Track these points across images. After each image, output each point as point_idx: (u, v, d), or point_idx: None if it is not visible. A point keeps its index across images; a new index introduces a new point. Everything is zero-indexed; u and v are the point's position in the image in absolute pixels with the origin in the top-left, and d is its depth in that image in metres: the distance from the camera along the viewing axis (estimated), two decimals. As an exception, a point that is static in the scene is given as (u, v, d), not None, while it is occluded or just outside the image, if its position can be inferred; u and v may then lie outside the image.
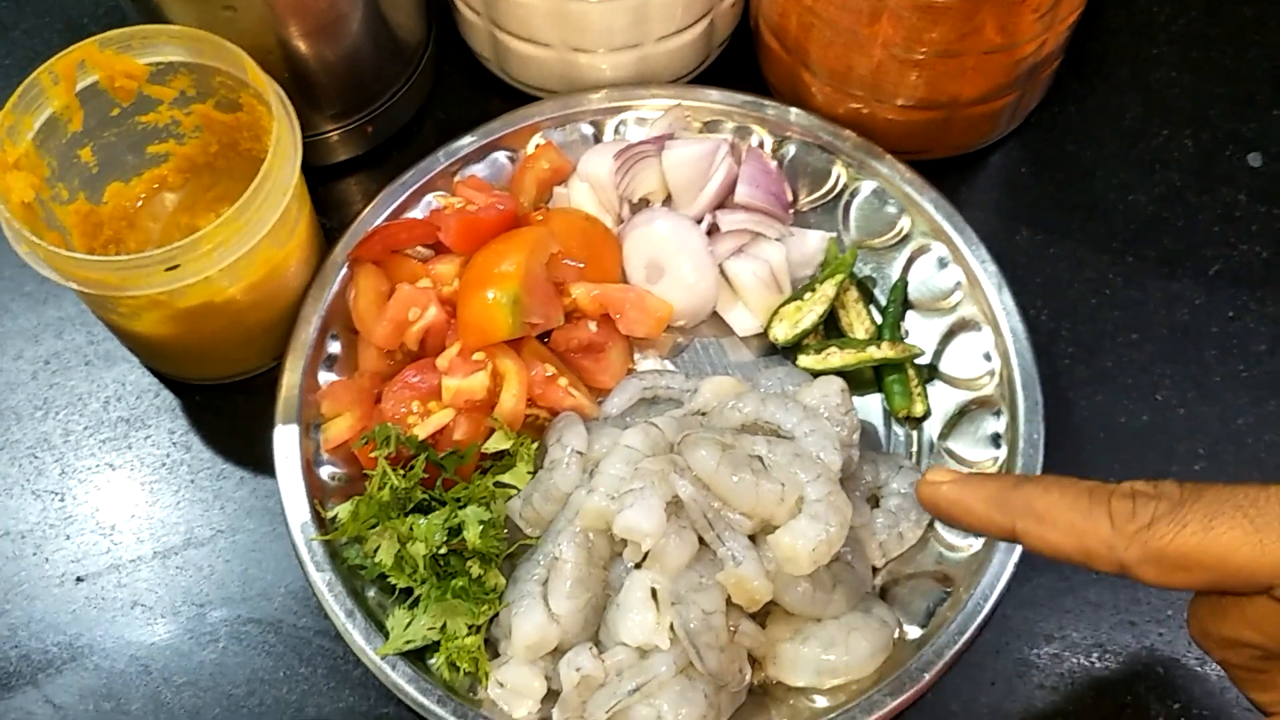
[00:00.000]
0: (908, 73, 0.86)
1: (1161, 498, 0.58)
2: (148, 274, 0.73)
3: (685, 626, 0.70)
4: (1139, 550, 0.58)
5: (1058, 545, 0.60)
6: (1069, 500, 0.60)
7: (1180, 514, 0.57)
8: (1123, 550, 0.58)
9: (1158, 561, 0.57)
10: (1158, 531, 0.57)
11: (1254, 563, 0.56)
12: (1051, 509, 0.61)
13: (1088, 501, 0.60)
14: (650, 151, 0.88)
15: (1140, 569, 0.58)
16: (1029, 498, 0.62)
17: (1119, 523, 0.58)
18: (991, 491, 0.63)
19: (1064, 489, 0.61)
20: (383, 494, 0.76)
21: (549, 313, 0.83)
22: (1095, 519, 0.59)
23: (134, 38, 0.80)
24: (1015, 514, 0.62)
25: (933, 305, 0.86)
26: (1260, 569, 0.56)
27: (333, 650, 0.80)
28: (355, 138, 0.95)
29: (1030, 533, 0.61)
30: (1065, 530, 0.60)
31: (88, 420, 0.88)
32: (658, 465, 0.73)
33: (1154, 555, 0.57)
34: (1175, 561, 0.57)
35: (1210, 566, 0.56)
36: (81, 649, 0.81)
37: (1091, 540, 0.59)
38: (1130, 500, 0.59)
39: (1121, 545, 0.58)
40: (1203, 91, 0.98)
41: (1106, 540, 0.58)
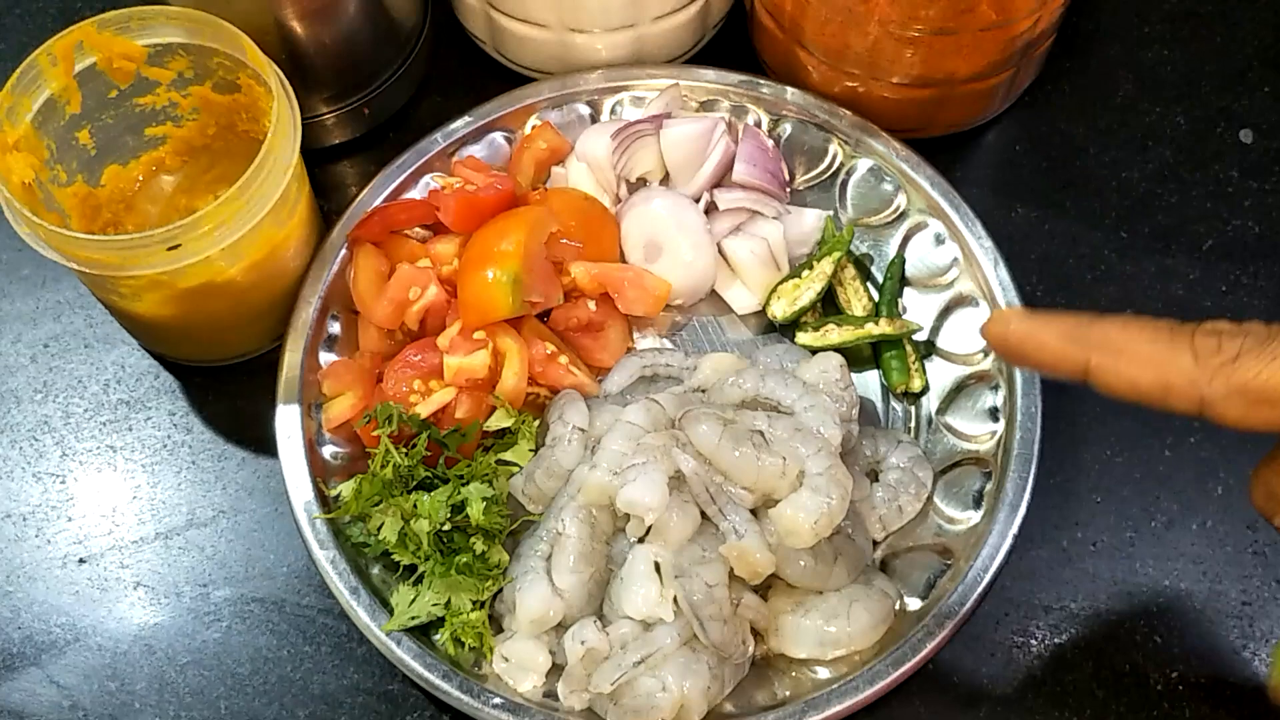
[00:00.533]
0: (903, 50, 0.86)
1: (1248, 334, 0.56)
2: (149, 254, 0.74)
3: (688, 599, 0.71)
4: (1224, 384, 0.55)
5: (1135, 379, 0.58)
6: (1149, 334, 0.58)
7: (1270, 348, 0.55)
8: (1206, 384, 0.56)
9: (1243, 395, 0.55)
10: (1245, 364, 0.55)
11: None
12: (1130, 342, 0.58)
13: (1169, 335, 0.57)
14: (648, 130, 0.89)
15: (1224, 405, 0.56)
16: (1106, 331, 0.59)
17: (1204, 356, 0.56)
18: (1066, 326, 0.61)
19: (1143, 325, 0.59)
20: (385, 472, 0.77)
21: (548, 291, 0.83)
22: (1178, 351, 0.56)
23: (132, 19, 0.80)
24: (1092, 346, 0.59)
25: (930, 281, 0.87)
26: None
27: (337, 628, 0.80)
28: (352, 120, 0.95)
29: (1106, 367, 0.58)
30: (1144, 363, 0.57)
31: (88, 403, 0.88)
32: (659, 440, 0.74)
33: (1239, 388, 0.55)
34: (1261, 395, 0.55)
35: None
36: (85, 630, 0.81)
37: (1173, 373, 0.56)
38: (1215, 335, 0.56)
39: (1205, 379, 0.56)
40: (1194, 68, 0.99)
41: (1189, 374, 0.56)
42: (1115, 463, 0.84)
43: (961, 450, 0.81)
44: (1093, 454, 0.84)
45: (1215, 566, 0.81)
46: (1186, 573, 0.81)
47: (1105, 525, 0.82)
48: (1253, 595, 0.80)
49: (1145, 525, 0.82)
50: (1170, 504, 0.83)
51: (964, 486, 0.79)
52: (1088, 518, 0.82)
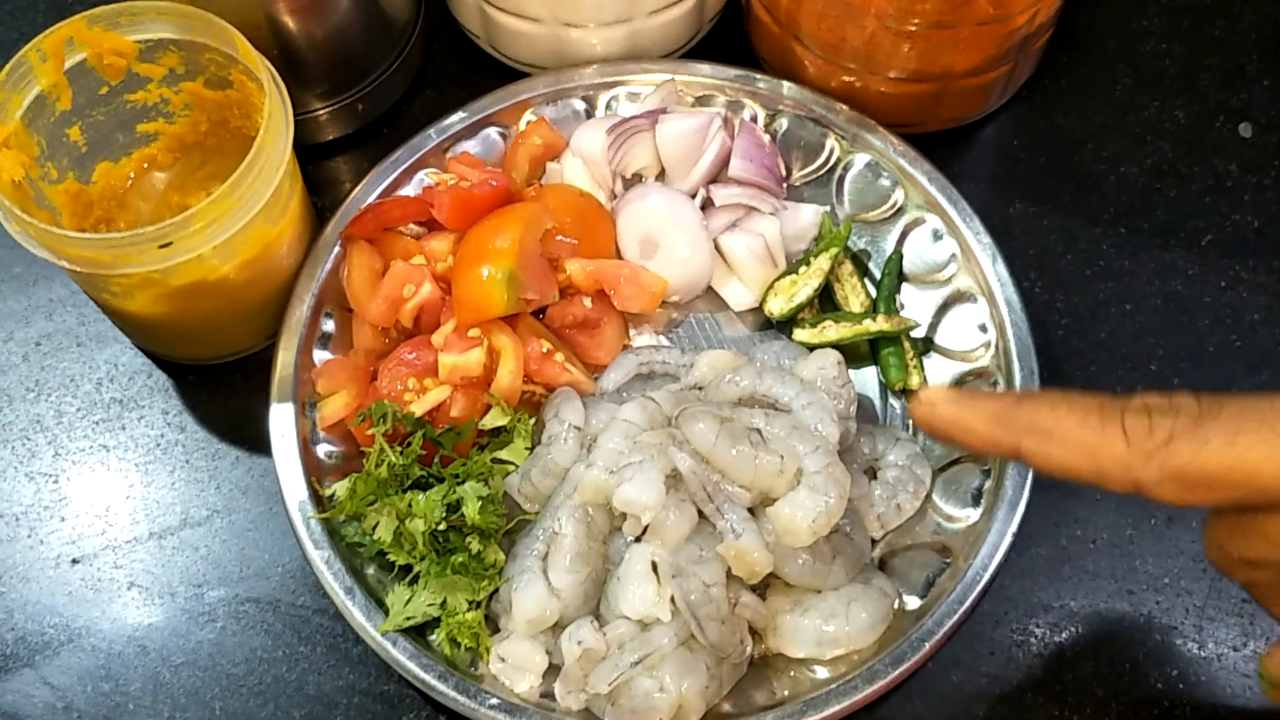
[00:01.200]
0: (900, 44, 0.85)
1: (1180, 413, 0.55)
2: (140, 252, 0.73)
3: (686, 599, 0.70)
4: (1157, 469, 0.54)
5: (1067, 464, 0.57)
6: (1078, 416, 0.57)
7: (1201, 430, 0.54)
8: (1140, 469, 0.55)
9: (1178, 480, 0.54)
10: (1177, 449, 0.54)
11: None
12: (1059, 425, 0.57)
13: (1098, 418, 0.56)
14: (643, 126, 0.88)
15: (1159, 489, 0.55)
16: (1034, 414, 0.58)
17: (1135, 440, 0.55)
18: (994, 409, 0.59)
19: (1071, 404, 0.57)
20: (380, 471, 0.76)
21: (544, 288, 0.83)
22: (1108, 436, 0.55)
23: (122, 14, 0.80)
24: (1020, 431, 0.58)
25: (927, 278, 0.86)
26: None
27: (332, 628, 0.80)
28: (345, 116, 0.94)
29: (1036, 451, 0.58)
30: (1075, 448, 0.56)
31: (80, 402, 0.88)
32: (656, 439, 0.73)
33: (1174, 474, 0.54)
34: (1197, 480, 0.54)
35: (1236, 484, 0.54)
36: (78, 630, 0.80)
37: (1104, 459, 0.56)
38: (1145, 416, 0.55)
39: (1138, 464, 0.55)
40: (1193, 62, 0.99)
41: (1121, 459, 0.55)
42: (1114, 459, 0.83)
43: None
44: (1092, 451, 0.83)
45: (1215, 564, 0.80)
46: (1186, 570, 0.80)
47: (1105, 523, 0.81)
48: (1253, 592, 0.79)
49: (1145, 523, 0.81)
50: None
51: (963, 484, 0.79)
52: (1087, 515, 0.82)
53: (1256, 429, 0.53)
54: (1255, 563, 0.59)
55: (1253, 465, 0.53)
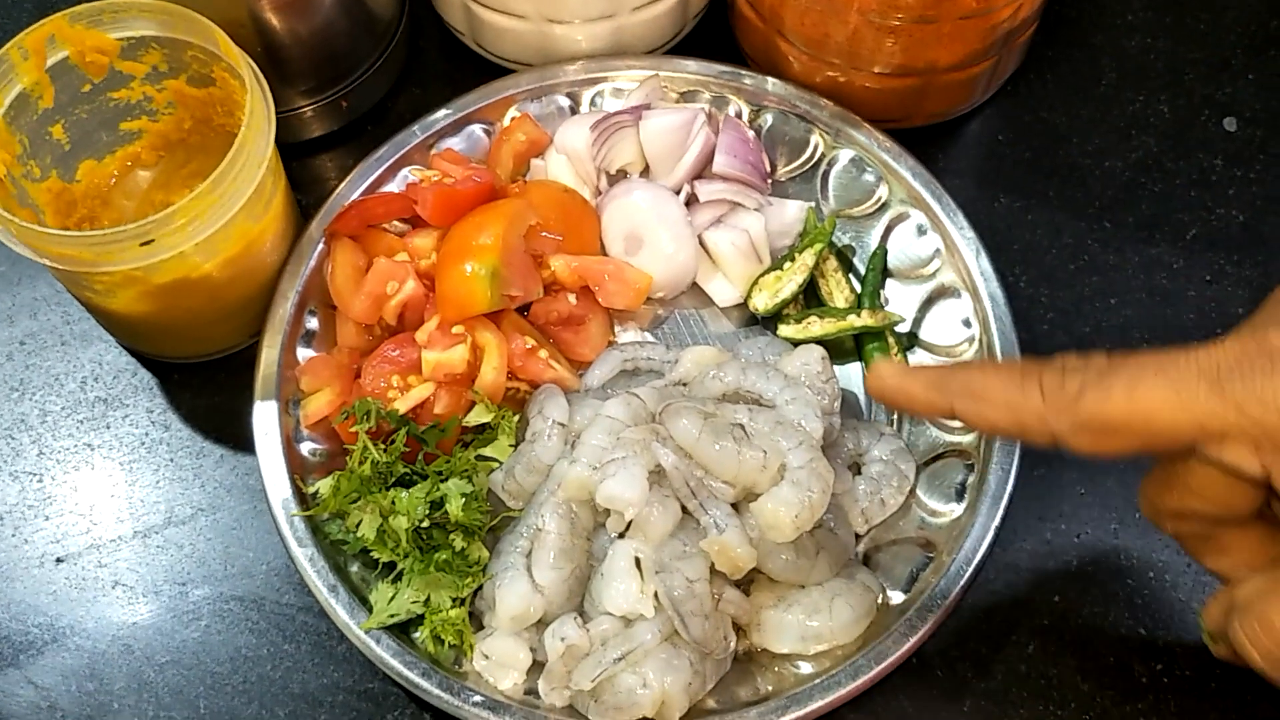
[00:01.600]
0: (884, 39, 0.85)
1: (1089, 368, 0.59)
2: (122, 249, 0.73)
3: (669, 595, 0.70)
4: (1069, 420, 0.59)
5: (994, 420, 0.62)
6: (1002, 378, 0.62)
7: (1106, 382, 0.58)
8: (1054, 421, 0.60)
9: (1086, 429, 0.59)
10: (1085, 400, 0.59)
11: (1175, 422, 0.57)
12: (987, 387, 0.62)
13: (1019, 378, 0.61)
14: (627, 122, 0.88)
15: (1072, 438, 0.60)
16: (966, 379, 0.64)
17: (1049, 394, 0.60)
18: (932, 377, 0.66)
19: (999, 369, 0.65)
20: (364, 468, 0.76)
21: (528, 285, 0.83)
22: (1028, 393, 0.60)
23: (104, 12, 0.79)
24: (953, 394, 0.64)
25: (912, 273, 0.86)
26: (1181, 427, 0.57)
27: (316, 626, 0.80)
28: (329, 113, 0.94)
29: (968, 410, 0.63)
30: (999, 406, 0.62)
31: (65, 400, 0.87)
32: (639, 435, 0.73)
33: (1084, 424, 0.59)
34: (1103, 427, 0.58)
35: (1137, 430, 0.58)
36: (63, 630, 0.80)
37: (1025, 414, 0.61)
38: (1059, 373, 0.60)
39: (1053, 416, 0.60)
40: (1178, 57, 0.99)
41: (1038, 412, 0.60)
42: (1099, 454, 0.83)
43: (944, 442, 0.80)
44: (1076, 445, 0.84)
45: (1199, 557, 0.80)
46: (1171, 564, 0.80)
47: (1089, 517, 0.82)
48: (1237, 586, 0.79)
49: (1129, 516, 0.81)
50: (1154, 495, 0.82)
51: (947, 479, 0.79)
52: (1071, 510, 0.82)
53: (1154, 377, 0.57)
54: (1180, 514, 0.63)
55: (1150, 410, 0.57)
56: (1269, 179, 0.93)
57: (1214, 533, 0.64)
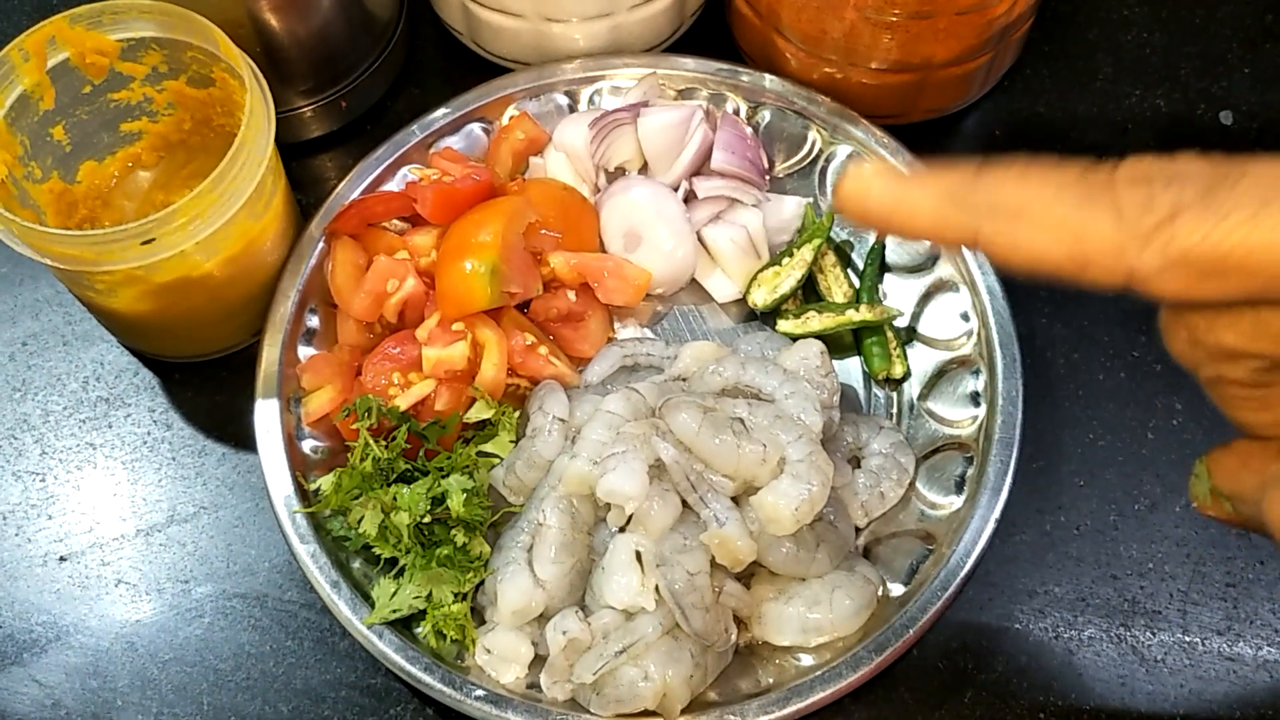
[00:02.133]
0: (880, 35, 0.86)
1: (1185, 180, 0.43)
2: (123, 248, 0.73)
3: (670, 588, 0.71)
4: (1159, 253, 0.43)
5: (1041, 251, 0.45)
6: (1054, 189, 0.45)
7: (1216, 202, 0.43)
8: (1136, 253, 0.43)
9: (1185, 266, 0.43)
10: (1185, 226, 0.43)
11: None
12: (1031, 201, 0.45)
13: (1082, 190, 0.45)
14: (625, 119, 0.88)
15: (1160, 279, 0.44)
16: (998, 188, 0.46)
17: (1130, 215, 0.43)
18: (945, 188, 0.47)
19: (1046, 174, 0.46)
20: (365, 465, 0.76)
21: (527, 282, 0.83)
22: (1095, 211, 0.44)
23: (104, 13, 0.80)
24: (979, 211, 0.46)
25: (910, 267, 0.87)
26: None
27: (319, 622, 0.80)
28: (329, 113, 0.95)
29: (1001, 236, 0.46)
30: (1052, 229, 0.45)
31: (67, 400, 0.88)
32: (639, 429, 0.74)
33: (1181, 258, 0.43)
34: (1211, 266, 0.43)
35: (1257, 270, 0.43)
36: (66, 628, 0.80)
37: (1090, 241, 0.44)
38: (1144, 185, 0.44)
39: (1135, 247, 0.43)
40: (1174, 51, 0.99)
41: (1111, 240, 0.44)
42: (1098, 446, 0.84)
43: (943, 435, 0.81)
44: (1075, 437, 0.84)
45: (1199, 548, 0.81)
46: (1170, 555, 0.80)
47: (1088, 509, 0.82)
48: (1236, 577, 0.80)
49: (1129, 508, 0.82)
50: (1153, 486, 0.82)
51: (946, 472, 0.79)
52: (1070, 501, 0.82)
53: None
54: (1237, 354, 0.48)
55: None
56: (1265, 172, 0.93)
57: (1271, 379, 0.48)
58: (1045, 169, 0.46)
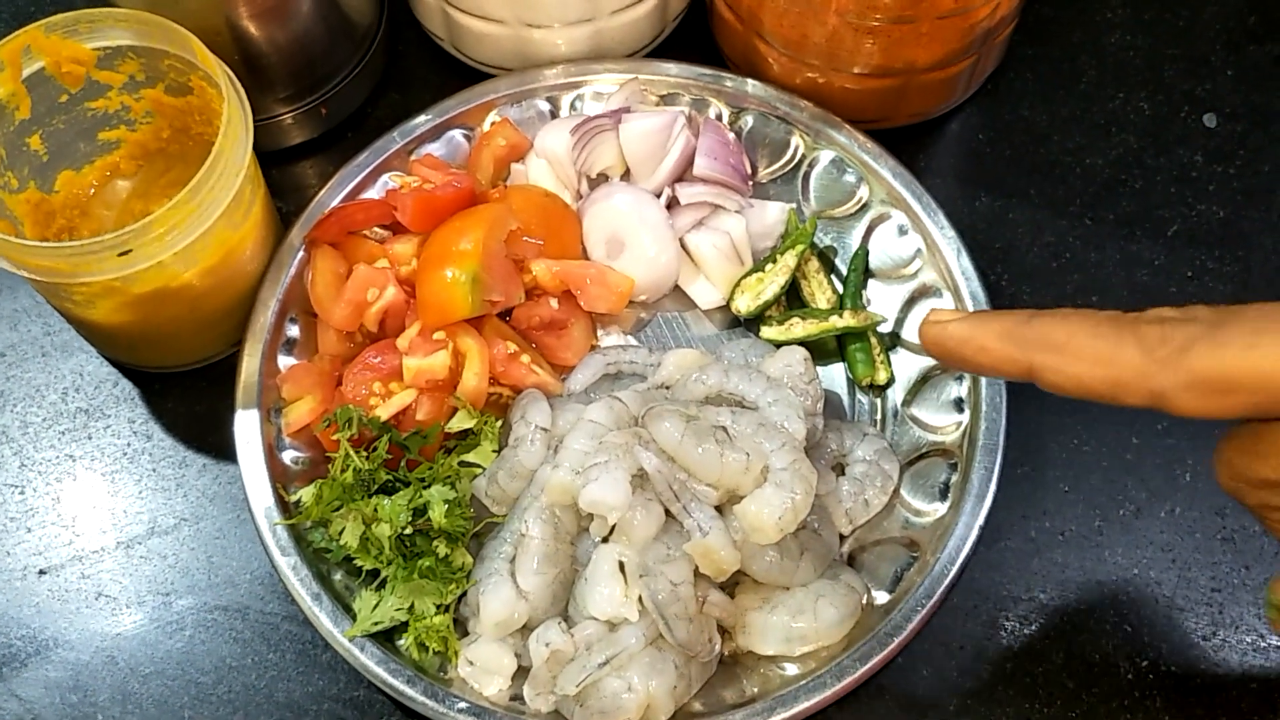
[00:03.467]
0: (863, 40, 0.85)
1: (1194, 320, 0.54)
2: (100, 260, 0.72)
3: (653, 598, 0.70)
4: (1174, 375, 0.53)
5: (1082, 377, 0.56)
6: (1090, 328, 0.56)
7: (1220, 334, 0.53)
8: (1157, 376, 0.54)
9: (1197, 386, 0.53)
10: (1196, 353, 0.53)
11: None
12: (1073, 339, 0.56)
13: (1113, 328, 0.55)
14: (607, 125, 0.88)
15: (1179, 397, 0.54)
16: (1047, 329, 0.57)
17: (1151, 347, 0.54)
18: (1006, 326, 0.59)
19: (1085, 317, 0.56)
20: (346, 476, 0.76)
21: (509, 290, 0.82)
22: (1124, 346, 0.55)
23: (80, 22, 0.79)
24: (1033, 348, 0.57)
25: (893, 273, 0.86)
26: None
27: (300, 635, 0.79)
28: (309, 120, 0.94)
29: (1049, 367, 0.57)
30: (1090, 360, 0.55)
31: (46, 412, 0.87)
32: (622, 438, 0.73)
33: (1193, 379, 0.53)
34: (1218, 384, 0.53)
35: (1256, 387, 0.52)
36: (46, 642, 0.80)
37: (1121, 368, 0.54)
38: (1160, 324, 0.54)
39: (1156, 371, 0.54)
40: (1157, 53, 0.99)
41: (1138, 367, 0.54)
42: (1083, 451, 0.83)
43: (927, 442, 0.81)
44: (1059, 443, 0.84)
45: (1184, 554, 0.80)
46: (1155, 561, 0.80)
47: (1073, 515, 0.82)
48: (1222, 582, 0.80)
49: (1113, 514, 0.82)
50: (1138, 492, 0.82)
51: (930, 478, 0.79)
52: (1055, 507, 0.82)
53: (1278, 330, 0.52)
54: (1271, 484, 0.56)
55: (1275, 366, 0.52)
56: (1249, 175, 0.93)
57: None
58: (1084, 313, 0.57)
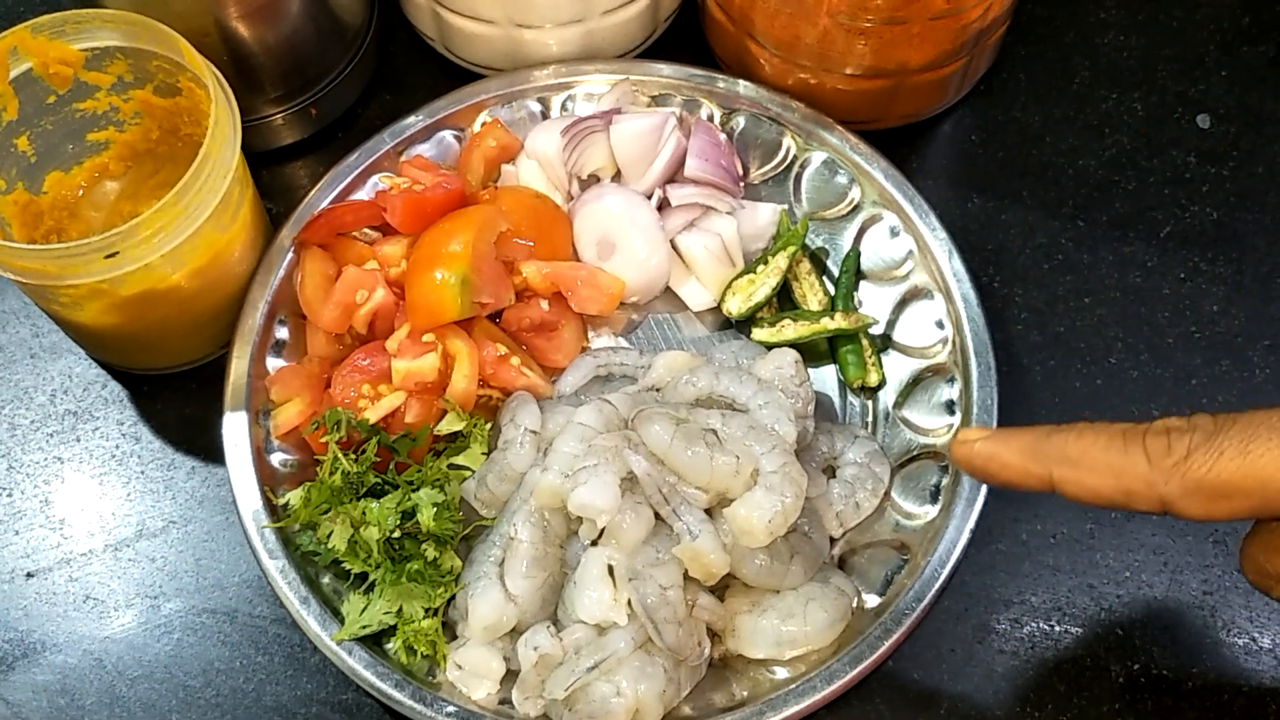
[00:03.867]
0: (854, 41, 0.85)
1: (1195, 430, 0.58)
2: (86, 262, 0.72)
3: (642, 602, 0.70)
4: (1179, 483, 0.57)
5: (1096, 488, 0.60)
6: (1103, 443, 0.60)
7: (1215, 443, 0.57)
8: (1163, 485, 0.58)
9: (1198, 493, 0.57)
10: (1195, 463, 0.57)
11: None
12: (1086, 453, 0.60)
13: (1122, 442, 0.59)
14: (598, 127, 0.87)
15: (1182, 503, 0.58)
16: (1063, 445, 0.61)
17: (1156, 458, 0.58)
18: (1026, 442, 0.63)
19: (1097, 433, 0.61)
20: (334, 479, 0.76)
21: (499, 292, 0.82)
22: (1132, 457, 0.59)
23: (67, 23, 0.79)
24: (1051, 462, 0.61)
25: (885, 275, 0.86)
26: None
27: (289, 638, 0.79)
28: (300, 121, 0.94)
29: (1068, 479, 0.61)
30: (1103, 472, 0.60)
31: (34, 414, 0.87)
32: (611, 441, 0.73)
33: (1194, 487, 0.57)
34: (1216, 490, 0.57)
35: (1251, 491, 0.56)
36: (33, 645, 0.79)
37: (1130, 479, 0.59)
38: (1164, 436, 0.58)
39: (1161, 480, 0.58)
40: (1151, 54, 0.98)
41: (1145, 478, 0.58)
42: (1074, 454, 0.83)
43: (919, 444, 0.80)
44: (1051, 445, 0.83)
45: (1176, 557, 0.80)
46: (1147, 564, 0.80)
47: (1064, 518, 0.81)
48: (1213, 585, 0.79)
49: (1105, 517, 0.81)
50: (1130, 494, 0.82)
51: (921, 481, 0.78)
52: (1047, 510, 0.81)
53: (1267, 436, 0.56)
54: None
55: (1266, 472, 0.56)
56: (1243, 176, 0.93)
57: None
58: (1098, 427, 0.61)
